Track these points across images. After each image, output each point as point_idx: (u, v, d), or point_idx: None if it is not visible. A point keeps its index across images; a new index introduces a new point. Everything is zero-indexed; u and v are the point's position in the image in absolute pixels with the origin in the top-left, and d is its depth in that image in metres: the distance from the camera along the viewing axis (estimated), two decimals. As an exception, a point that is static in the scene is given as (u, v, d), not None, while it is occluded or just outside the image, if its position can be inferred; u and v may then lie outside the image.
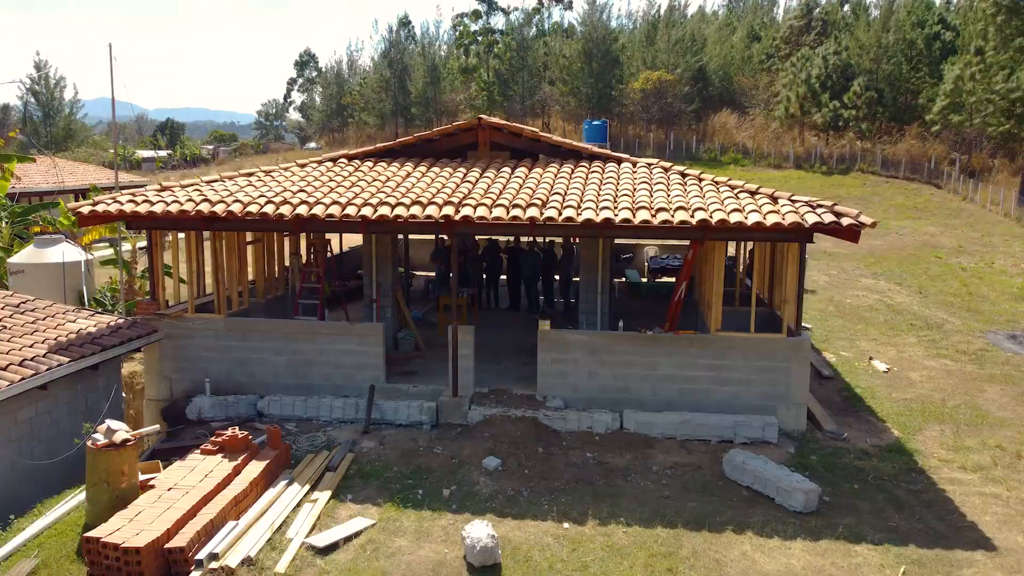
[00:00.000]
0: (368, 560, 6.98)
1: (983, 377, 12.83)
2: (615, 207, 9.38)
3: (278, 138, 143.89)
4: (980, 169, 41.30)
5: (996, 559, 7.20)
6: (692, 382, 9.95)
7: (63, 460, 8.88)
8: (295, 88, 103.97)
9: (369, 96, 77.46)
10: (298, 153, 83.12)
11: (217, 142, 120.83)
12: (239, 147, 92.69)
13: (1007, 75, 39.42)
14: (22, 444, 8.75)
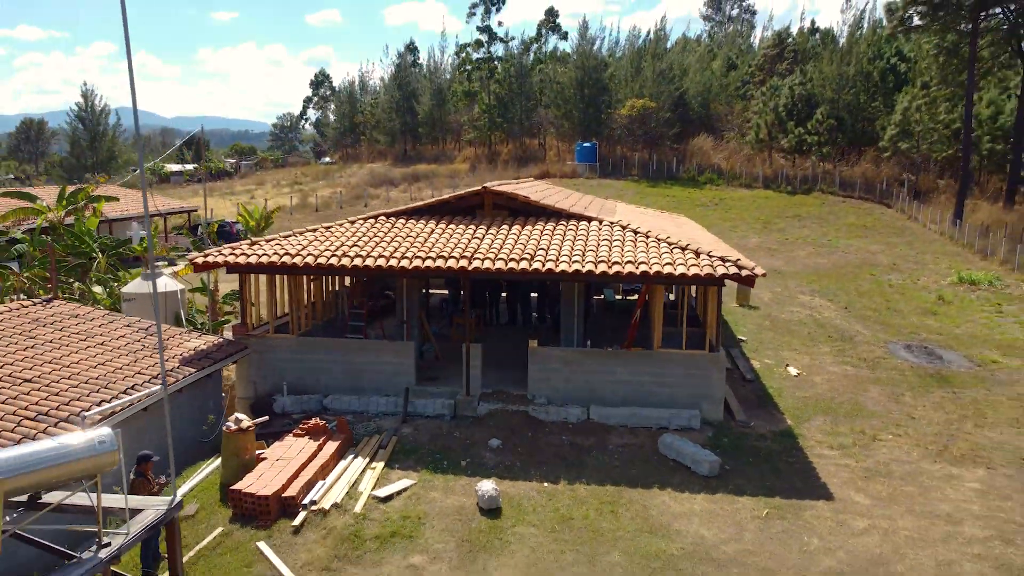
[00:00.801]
0: (413, 505, 10.07)
1: (871, 380, 15.93)
2: (583, 261, 12.46)
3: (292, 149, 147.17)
4: (925, 190, 44.38)
5: (831, 505, 10.30)
6: (640, 385, 13.03)
7: (190, 439, 11.97)
8: (311, 106, 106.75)
9: (380, 116, 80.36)
10: (314, 167, 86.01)
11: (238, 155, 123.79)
12: (260, 161, 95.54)
13: (950, 107, 42.59)
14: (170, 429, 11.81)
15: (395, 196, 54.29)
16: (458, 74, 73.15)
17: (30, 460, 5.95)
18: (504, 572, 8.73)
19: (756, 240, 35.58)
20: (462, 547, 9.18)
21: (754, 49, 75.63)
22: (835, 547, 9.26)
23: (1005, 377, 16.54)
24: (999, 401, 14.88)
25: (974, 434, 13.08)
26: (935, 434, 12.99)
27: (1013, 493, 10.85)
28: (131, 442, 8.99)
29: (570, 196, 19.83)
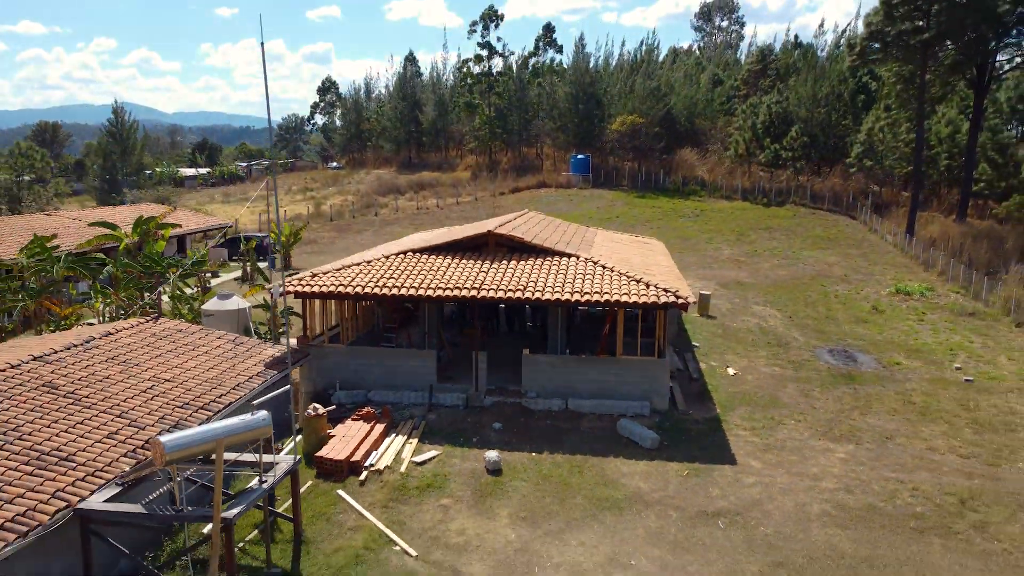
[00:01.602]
0: (440, 468, 14.37)
1: (792, 378, 20.25)
2: (563, 291, 16.74)
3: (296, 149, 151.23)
4: (888, 203, 48.63)
5: (733, 468, 14.62)
6: (606, 383, 17.32)
7: (275, 421, 16.22)
8: (317, 111, 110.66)
9: (385, 124, 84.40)
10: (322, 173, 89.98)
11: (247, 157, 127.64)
12: (270, 166, 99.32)
13: (910, 127, 46.81)
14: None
15: (403, 205, 58.48)
16: (460, 86, 77.15)
17: (233, 429, 10.23)
18: (504, 510, 13.05)
19: (728, 252, 39.84)
20: (475, 494, 13.50)
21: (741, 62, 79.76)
22: (728, 494, 13.59)
23: (901, 376, 20.87)
24: (887, 395, 19.21)
25: (856, 420, 17.41)
26: (826, 420, 17.32)
27: (867, 461, 15.18)
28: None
29: (558, 228, 24.02)
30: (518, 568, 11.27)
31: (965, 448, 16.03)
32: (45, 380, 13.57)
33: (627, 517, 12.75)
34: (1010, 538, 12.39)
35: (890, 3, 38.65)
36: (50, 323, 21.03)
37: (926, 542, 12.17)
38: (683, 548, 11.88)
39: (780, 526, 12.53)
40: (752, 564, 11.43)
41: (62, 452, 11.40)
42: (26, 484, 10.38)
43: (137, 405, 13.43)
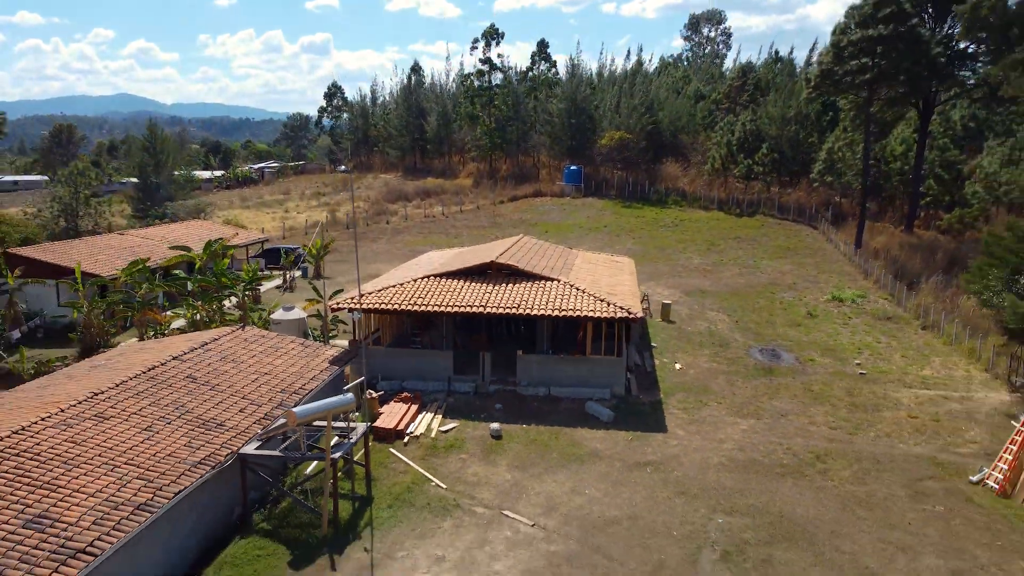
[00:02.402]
0: (458, 435, 20.69)
1: (723, 372, 26.55)
2: (547, 308, 23.00)
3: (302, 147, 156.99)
4: (846, 214, 54.82)
5: (664, 435, 20.94)
6: (578, 375, 23.58)
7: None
8: (325, 115, 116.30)
9: (391, 131, 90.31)
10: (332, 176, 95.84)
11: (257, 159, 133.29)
12: (282, 168, 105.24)
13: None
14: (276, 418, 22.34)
15: (411, 213, 64.59)
16: (462, 97, 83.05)
17: (334, 404, 16.50)
18: (503, 461, 19.32)
19: (698, 261, 46.09)
20: (483, 451, 19.79)
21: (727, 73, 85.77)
22: (657, 452, 19.91)
23: (811, 370, 27.17)
24: (793, 385, 25.52)
25: (763, 403, 23.73)
26: (740, 403, 23.64)
27: (761, 431, 21.50)
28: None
29: (546, 253, 30.19)
30: (511, 495, 17.58)
31: (836, 423, 22.36)
32: (187, 373, 19.83)
33: (586, 466, 19.07)
34: (841, 480, 18.71)
35: (839, 46, 44.78)
36: (150, 329, 27.28)
37: (782, 481, 18.50)
38: (621, 484, 18.19)
39: (687, 471, 18.86)
40: (663, 493, 17.74)
41: (216, 420, 17.68)
42: (203, 439, 16.67)
43: (251, 390, 19.70)
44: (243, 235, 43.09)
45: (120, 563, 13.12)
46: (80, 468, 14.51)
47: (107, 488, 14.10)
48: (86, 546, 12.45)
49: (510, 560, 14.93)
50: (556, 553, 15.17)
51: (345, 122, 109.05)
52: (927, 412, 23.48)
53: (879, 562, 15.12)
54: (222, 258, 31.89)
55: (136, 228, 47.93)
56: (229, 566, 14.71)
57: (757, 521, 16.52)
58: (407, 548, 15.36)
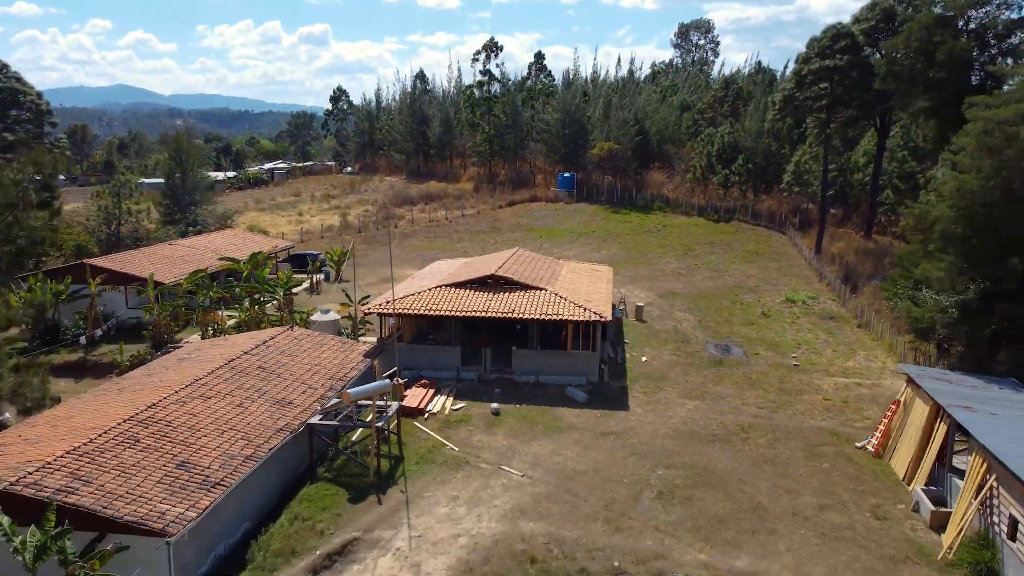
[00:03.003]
0: (466, 412, 26.87)
1: (681, 363, 32.72)
2: (535, 312, 29.14)
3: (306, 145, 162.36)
4: (812, 220, 60.76)
5: (626, 412, 27.14)
6: (561, 365, 29.75)
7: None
8: (331, 118, 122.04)
9: (396, 136, 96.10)
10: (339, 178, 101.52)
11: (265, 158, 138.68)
12: (290, 170, 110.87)
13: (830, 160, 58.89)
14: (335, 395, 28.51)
15: (416, 217, 70.53)
16: (463, 107, 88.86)
17: (377, 388, 22.63)
18: (500, 431, 25.48)
19: (675, 265, 52.16)
20: (486, 424, 25.97)
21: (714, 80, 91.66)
22: (619, 424, 26.09)
23: (754, 362, 33.34)
24: (737, 374, 31.68)
25: (708, 388, 29.90)
26: (690, 388, 29.82)
27: (702, 410, 27.67)
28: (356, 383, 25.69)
29: (537, 265, 36.25)
30: (507, 455, 23.73)
31: (763, 403, 28.54)
32: (257, 364, 25.95)
33: (564, 435, 25.25)
34: (756, 445, 24.89)
35: (800, 74, 50.78)
36: (210, 328, 33.37)
37: (711, 446, 24.68)
38: (589, 448, 24.36)
39: (640, 439, 25.04)
40: (620, 454, 23.90)
41: (286, 399, 23.83)
42: (279, 413, 22.82)
43: (307, 377, 25.84)
44: (272, 243, 49.07)
45: (238, 495, 19.30)
46: (200, 432, 20.66)
47: (222, 446, 20.27)
48: (218, 481, 18.63)
49: (505, 498, 21.10)
50: (538, 493, 21.35)
51: (352, 124, 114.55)
52: (840, 396, 29.66)
53: (769, 499, 21.32)
54: (263, 267, 37.96)
55: (171, 236, 53.92)
56: (307, 501, 20.89)
57: (686, 473, 22.71)
58: (431, 491, 21.53)
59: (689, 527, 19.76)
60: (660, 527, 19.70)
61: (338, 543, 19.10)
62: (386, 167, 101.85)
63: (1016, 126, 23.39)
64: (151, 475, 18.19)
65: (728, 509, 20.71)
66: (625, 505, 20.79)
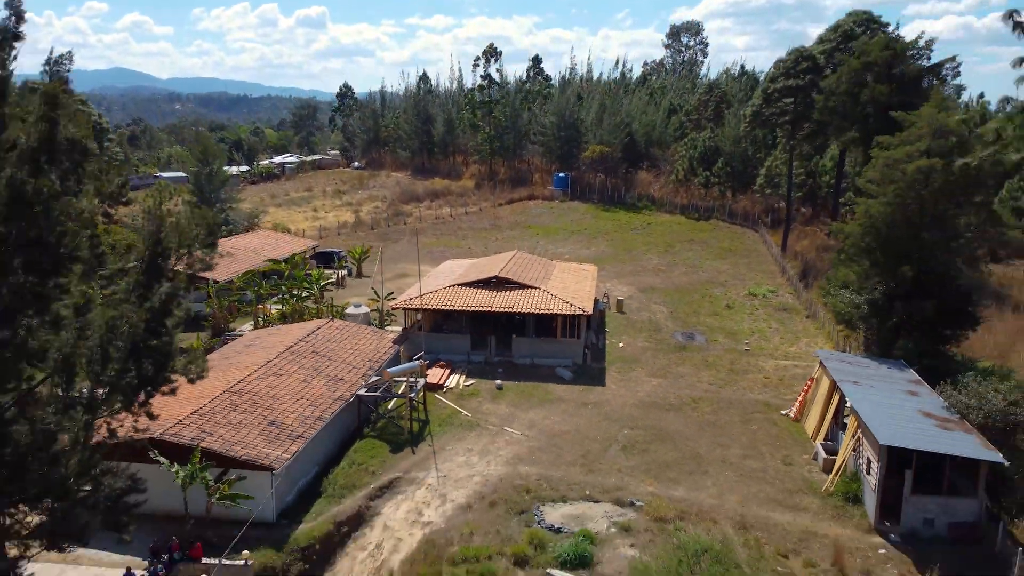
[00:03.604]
0: (476, 387, 34.11)
1: (652, 349, 39.96)
2: (531, 308, 36.33)
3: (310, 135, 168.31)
4: (783, 219, 67.77)
5: (603, 388, 34.40)
6: (552, 350, 36.97)
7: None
8: (337, 114, 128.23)
9: (401, 135, 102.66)
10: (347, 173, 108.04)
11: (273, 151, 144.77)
12: (300, 164, 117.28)
13: (798, 165, 65.90)
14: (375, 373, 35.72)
15: (424, 214, 77.37)
16: (464, 109, 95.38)
17: (409, 367, 29.84)
18: (504, 402, 32.70)
19: (656, 262, 59.24)
20: (492, 396, 33.20)
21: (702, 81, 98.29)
22: (597, 397, 33.34)
23: (712, 348, 40.57)
24: (696, 357, 38.92)
25: (671, 368, 37.16)
26: (656, 368, 37.07)
27: (664, 386, 34.94)
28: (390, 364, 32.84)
29: (533, 266, 43.31)
30: (508, 419, 30.97)
31: (714, 381, 35.79)
32: (311, 349, 33.10)
33: (553, 405, 32.49)
34: (703, 413, 32.15)
35: (767, 92, 57.64)
36: (260, 319, 40.46)
37: (667, 413, 31.95)
38: (573, 414, 31.61)
39: (613, 408, 32.29)
40: (596, 419, 31.15)
41: (338, 377, 31.02)
42: (335, 387, 30.02)
43: (351, 360, 33.02)
44: (302, 243, 56.10)
45: (311, 446, 26.55)
46: (279, 400, 27.86)
47: (297, 410, 27.48)
48: (300, 434, 25.85)
49: (507, 450, 28.34)
50: (532, 447, 28.60)
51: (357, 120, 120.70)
52: (777, 375, 36.91)
53: (706, 451, 28.59)
54: (301, 267, 45.04)
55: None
56: (359, 452, 28.14)
57: (645, 433, 29.97)
58: (451, 445, 28.78)
59: (643, 470, 27.04)
60: (622, 470, 26.98)
61: (385, 480, 26.38)
62: (392, 163, 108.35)
63: (905, 164, 30.35)
64: (252, 429, 25.41)
65: (674, 458, 28.00)
66: (597, 455, 28.06)
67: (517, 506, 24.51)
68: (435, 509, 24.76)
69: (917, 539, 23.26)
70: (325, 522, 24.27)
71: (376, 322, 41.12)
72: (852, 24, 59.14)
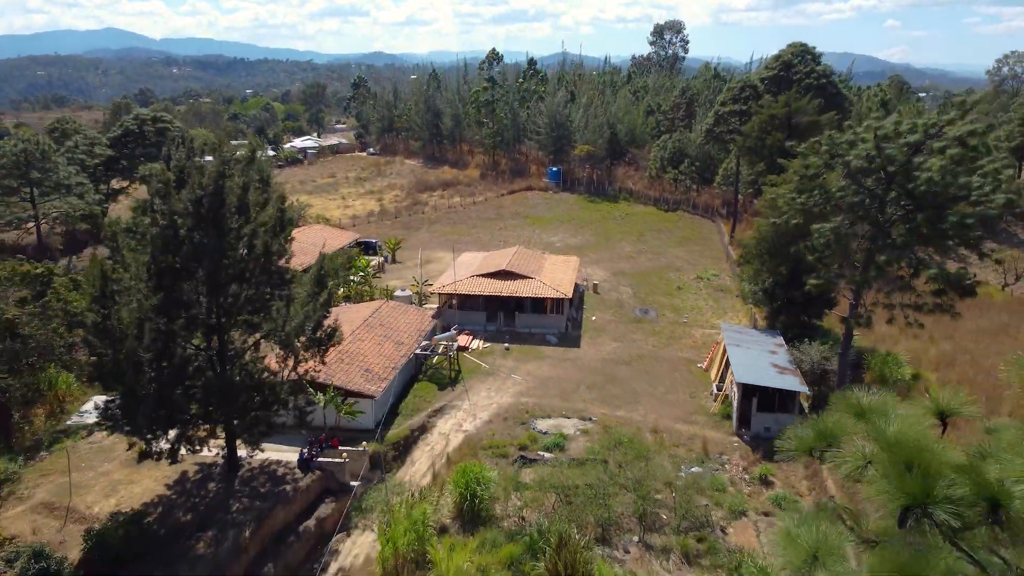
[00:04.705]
0: (491, 348, 50.51)
1: (616, 321, 56.31)
2: (528, 293, 52.57)
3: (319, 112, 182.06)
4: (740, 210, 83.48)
5: (578, 349, 50.85)
6: (543, 322, 53.30)
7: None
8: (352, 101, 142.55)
9: (414, 127, 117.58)
10: (365, 159, 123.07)
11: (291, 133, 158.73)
12: (322, 150, 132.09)
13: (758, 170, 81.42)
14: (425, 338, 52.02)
15: (438, 203, 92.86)
16: (470, 105, 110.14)
17: (450, 335, 46.18)
18: (510, 357, 49.03)
19: (629, 249, 75.22)
20: (502, 355, 49.57)
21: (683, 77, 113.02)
22: (574, 355, 49.77)
23: (660, 320, 56.94)
24: (647, 327, 55.30)
25: (628, 336, 53.57)
26: (617, 335, 53.48)
27: (621, 348, 51.37)
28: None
29: (531, 259, 59.39)
30: (514, 370, 47.36)
31: (657, 344, 52.21)
32: (379, 323, 49.32)
33: (543, 360, 48.90)
34: (644, 365, 48.62)
35: (718, 113, 73.05)
36: (331, 299, 56.55)
37: (620, 366, 48.40)
38: (557, 367, 48.02)
39: (585, 362, 48.71)
40: (573, 370, 47.57)
41: (400, 341, 47.32)
42: (400, 348, 46.34)
43: (406, 329, 49.29)
44: (349, 235, 71.94)
45: (391, 385, 43.00)
46: (367, 356, 44.18)
47: (380, 362, 43.84)
48: (384, 377, 42.24)
49: (514, 389, 44.74)
50: (529, 386, 45.00)
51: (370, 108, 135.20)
52: (703, 340, 53.25)
53: (642, 390, 45.05)
54: (355, 258, 60.94)
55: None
56: (418, 389, 44.58)
57: (604, 378, 46.39)
58: (476, 386, 45.17)
59: (599, 400, 43.50)
60: (585, 400, 43.43)
61: (437, 406, 42.83)
62: (404, 150, 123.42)
63: (778, 199, 46.12)
64: (356, 374, 41.72)
65: (619, 393, 44.47)
66: (570, 391, 44.49)
67: (519, 420, 41.00)
68: (469, 422, 41.23)
69: (759, 439, 39.83)
70: (404, 429, 40.75)
71: (417, 302, 57.28)
72: (791, 55, 74.21)
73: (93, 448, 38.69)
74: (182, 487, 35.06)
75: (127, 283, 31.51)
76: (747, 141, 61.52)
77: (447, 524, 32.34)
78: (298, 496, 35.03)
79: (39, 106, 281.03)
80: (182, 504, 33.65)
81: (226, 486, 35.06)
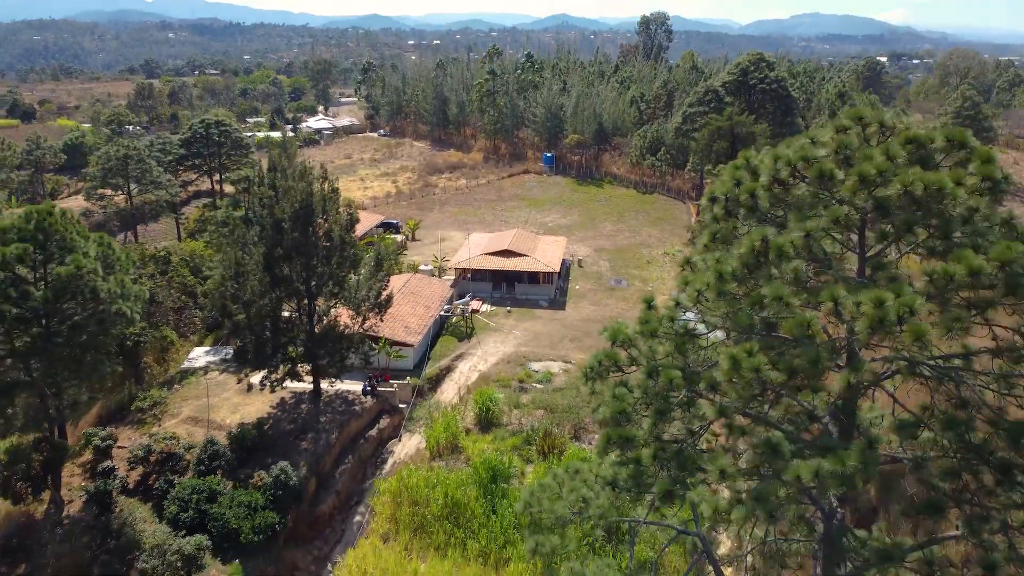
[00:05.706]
0: (496, 311, 66.46)
1: (594, 290, 72.22)
2: (525, 268, 68.38)
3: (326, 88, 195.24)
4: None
5: (564, 312, 66.86)
6: (537, 291, 69.20)
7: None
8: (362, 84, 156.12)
9: (422, 112, 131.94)
10: (376, 140, 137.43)
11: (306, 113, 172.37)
12: (336, 131, 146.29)
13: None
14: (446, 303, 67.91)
15: (447, 185, 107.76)
16: (474, 95, 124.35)
17: (467, 300, 62.03)
18: (512, 319, 64.95)
19: (609, 228, 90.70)
20: (504, 316, 65.52)
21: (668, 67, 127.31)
22: (560, 316, 65.81)
23: (631, 289, 72.85)
24: (619, 294, 71.23)
25: (604, 302, 69.50)
26: (595, 301, 69.43)
27: (598, 310, 67.37)
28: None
29: (528, 239, 75.01)
30: (515, 327, 63.32)
31: (625, 308, 68.14)
32: (410, 291, 65.09)
33: (536, 320, 64.86)
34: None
35: (686, 114, 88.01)
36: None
37: (594, 324, 64.34)
38: (547, 325, 63.99)
39: (568, 322, 64.69)
40: (559, 328, 63.54)
41: (427, 305, 63.19)
42: (428, 310, 62.25)
43: (431, 295, 65.14)
44: (376, 217, 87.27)
45: (424, 338, 59.02)
46: (404, 317, 60.14)
47: (415, 321, 59.78)
48: (418, 331, 58.27)
49: (514, 341, 60.72)
50: (527, 339, 60.98)
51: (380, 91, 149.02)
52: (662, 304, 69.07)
53: (610, 341, 61.13)
54: (384, 237, 76.38)
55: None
56: (443, 342, 60.60)
57: (582, 332, 62.32)
58: (486, 339, 61.16)
59: (577, 348, 59.48)
60: (567, 349, 59.44)
61: (457, 353, 58.85)
62: (412, 132, 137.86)
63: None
64: (399, 328, 57.61)
65: (594, 344, 60.30)
66: (556, 342, 60.47)
67: (519, 362, 57.03)
68: (482, 364, 57.24)
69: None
70: (435, 369, 56.76)
71: (437, 275, 72.96)
72: (748, 62, 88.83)
73: (212, 382, 54.62)
74: (283, 408, 51.00)
75: (248, 266, 47.11)
76: (698, 146, 76.56)
77: (470, 428, 48.55)
78: (364, 414, 51.15)
79: (47, 76, 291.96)
80: (285, 418, 49.60)
81: (314, 407, 51.03)
